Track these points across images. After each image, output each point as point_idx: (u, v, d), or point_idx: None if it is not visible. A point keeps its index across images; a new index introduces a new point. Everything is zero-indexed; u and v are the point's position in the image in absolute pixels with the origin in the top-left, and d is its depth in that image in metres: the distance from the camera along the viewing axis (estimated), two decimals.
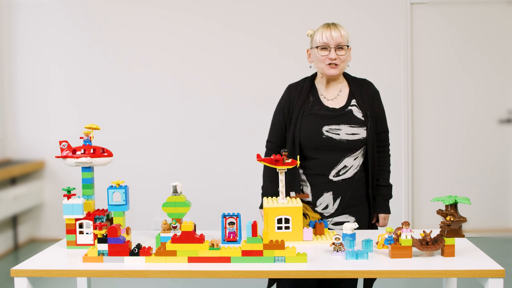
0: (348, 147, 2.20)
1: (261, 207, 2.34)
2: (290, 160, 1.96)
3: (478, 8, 4.56)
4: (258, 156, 2.01)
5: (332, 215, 2.23)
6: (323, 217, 2.22)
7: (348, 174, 2.22)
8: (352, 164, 2.22)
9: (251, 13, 4.56)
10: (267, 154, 2.34)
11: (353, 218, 2.24)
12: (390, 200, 2.36)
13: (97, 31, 4.61)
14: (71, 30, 4.63)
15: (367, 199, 2.29)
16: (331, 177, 2.21)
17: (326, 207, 2.23)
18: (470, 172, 4.65)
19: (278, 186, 2.23)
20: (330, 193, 2.22)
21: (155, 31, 4.58)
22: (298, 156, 2.05)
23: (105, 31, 4.61)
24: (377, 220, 2.35)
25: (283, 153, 1.96)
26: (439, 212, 1.89)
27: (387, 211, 2.33)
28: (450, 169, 4.64)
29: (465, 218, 1.83)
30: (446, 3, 4.56)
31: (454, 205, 1.89)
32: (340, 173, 2.22)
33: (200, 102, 4.61)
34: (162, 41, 4.59)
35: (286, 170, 1.97)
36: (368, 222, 2.30)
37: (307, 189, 2.25)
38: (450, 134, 4.64)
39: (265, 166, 2.33)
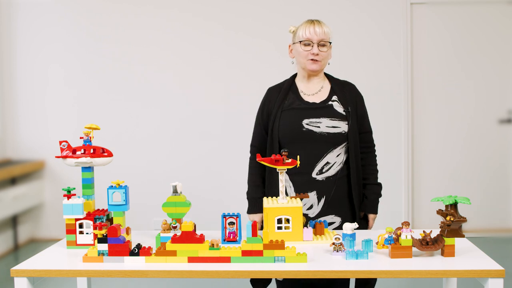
0: (329, 141, 2.19)
1: (248, 212, 2.34)
2: (290, 160, 1.96)
3: (478, 8, 4.56)
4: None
5: (318, 216, 2.21)
6: (308, 218, 2.20)
7: (331, 172, 2.20)
8: (335, 160, 2.21)
9: (251, 13, 4.56)
10: (251, 159, 2.36)
11: (339, 218, 2.23)
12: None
13: (97, 31, 4.61)
14: (71, 29, 4.63)
15: (350, 198, 2.26)
16: (314, 175, 2.20)
17: (311, 207, 2.21)
18: (470, 172, 4.65)
19: (262, 191, 2.28)
20: (314, 192, 2.20)
21: (154, 31, 4.59)
22: (298, 156, 2.04)
23: (105, 31, 4.61)
24: (365, 218, 2.32)
25: (283, 153, 1.95)
26: (439, 212, 1.89)
27: (375, 211, 2.30)
28: (450, 169, 4.64)
29: (465, 218, 1.83)
30: (446, 3, 4.57)
31: (454, 205, 1.89)
32: (323, 170, 2.20)
33: (200, 102, 4.61)
34: (162, 40, 4.59)
35: (286, 170, 1.97)
36: (353, 221, 2.28)
37: (290, 190, 2.24)
38: (450, 134, 4.64)
39: (249, 171, 2.36)
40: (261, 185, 2.32)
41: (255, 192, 2.31)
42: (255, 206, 2.30)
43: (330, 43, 2.23)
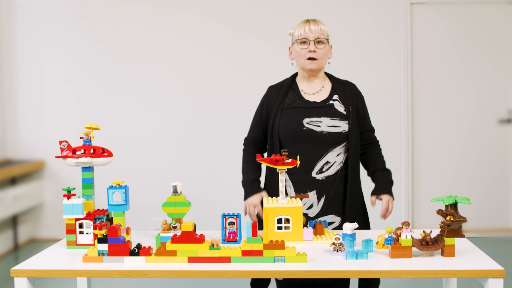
0: (329, 140, 2.18)
1: (245, 197, 2.28)
2: (290, 160, 1.96)
3: (478, 8, 4.56)
4: (258, 156, 2.01)
5: (318, 215, 2.21)
6: (308, 218, 2.20)
7: (331, 171, 2.20)
8: (335, 160, 2.20)
9: (251, 13, 4.56)
10: (244, 151, 2.35)
11: (339, 218, 2.23)
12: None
13: (97, 30, 4.61)
14: (72, 28, 4.63)
15: (344, 197, 2.24)
16: (314, 174, 2.20)
17: (311, 206, 2.21)
18: (470, 172, 4.65)
19: (258, 174, 2.28)
20: (314, 192, 2.20)
21: (154, 30, 4.59)
22: (298, 156, 2.04)
23: (105, 30, 4.61)
24: (366, 220, 2.31)
25: (283, 153, 1.95)
26: (439, 212, 1.89)
27: (388, 191, 2.25)
28: (450, 169, 4.64)
29: (465, 218, 1.84)
30: (446, 3, 4.57)
31: (454, 205, 1.89)
32: (323, 169, 2.20)
33: (201, 102, 4.61)
34: (162, 40, 4.59)
35: (286, 170, 1.97)
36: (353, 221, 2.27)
37: (290, 189, 2.23)
38: (450, 134, 4.64)
39: (243, 159, 2.34)
40: (256, 171, 2.29)
41: (249, 176, 2.28)
42: (251, 189, 2.25)
43: (327, 39, 2.23)
